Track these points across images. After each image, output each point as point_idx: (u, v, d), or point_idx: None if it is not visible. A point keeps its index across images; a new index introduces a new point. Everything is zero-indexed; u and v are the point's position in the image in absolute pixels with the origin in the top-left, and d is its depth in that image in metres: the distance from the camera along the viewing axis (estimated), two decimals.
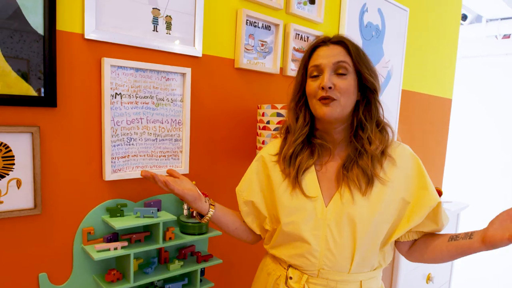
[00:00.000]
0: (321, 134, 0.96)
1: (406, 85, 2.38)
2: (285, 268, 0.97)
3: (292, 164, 0.95)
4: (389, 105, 2.25)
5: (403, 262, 1.73)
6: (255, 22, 1.47)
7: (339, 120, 0.92)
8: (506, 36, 4.20)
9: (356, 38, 1.91)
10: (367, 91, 0.91)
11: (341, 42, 0.91)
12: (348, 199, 0.89)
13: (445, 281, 2.16)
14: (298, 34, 1.63)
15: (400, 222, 0.91)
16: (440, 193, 2.09)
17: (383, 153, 0.91)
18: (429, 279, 1.92)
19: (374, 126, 0.92)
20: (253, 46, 1.48)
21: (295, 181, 0.93)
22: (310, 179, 0.94)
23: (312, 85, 0.91)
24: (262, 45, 1.51)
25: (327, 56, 0.89)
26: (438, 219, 0.91)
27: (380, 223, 0.89)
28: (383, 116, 0.95)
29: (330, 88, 0.87)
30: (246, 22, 1.44)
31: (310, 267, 0.92)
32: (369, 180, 0.88)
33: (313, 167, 0.95)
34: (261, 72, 1.51)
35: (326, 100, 0.88)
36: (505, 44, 4.29)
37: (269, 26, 1.52)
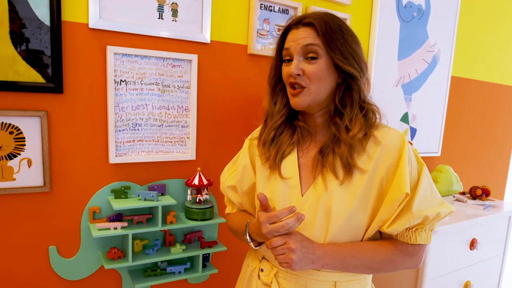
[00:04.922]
0: (303, 117, 0.91)
1: (457, 71, 2.14)
2: (260, 260, 0.94)
3: (273, 147, 0.91)
4: (435, 93, 2.04)
5: (431, 265, 1.50)
6: (270, 6, 1.42)
7: (315, 107, 0.85)
8: None
9: (392, 20, 1.76)
10: (346, 75, 0.83)
11: (311, 23, 0.82)
12: (322, 189, 0.82)
13: None
14: None
15: (375, 217, 0.82)
16: (488, 193, 1.86)
17: (366, 134, 0.83)
18: (466, 287, 1.73)
19: (356, 111, 0.83)
20: (268, 31, 1.43)
21: (274, 163, 0.89)
22: (290, 161, 0.89)
23: (284, 70, 0.86)
24: (279, 30, 1.46)
25: (296, 40, 0.82)
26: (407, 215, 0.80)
27: (356, 215, 0.81)
28: (371, 97, 0.87)
29: (298, 75, 0.81)
30: (260, 6, 1.39)
31: None
32: (347, 168, 0.81)
33: (295, 152, 0.90)
34: None
35: (295, 90, 0.83)
36: None
37: (287, 10, 1.46)
